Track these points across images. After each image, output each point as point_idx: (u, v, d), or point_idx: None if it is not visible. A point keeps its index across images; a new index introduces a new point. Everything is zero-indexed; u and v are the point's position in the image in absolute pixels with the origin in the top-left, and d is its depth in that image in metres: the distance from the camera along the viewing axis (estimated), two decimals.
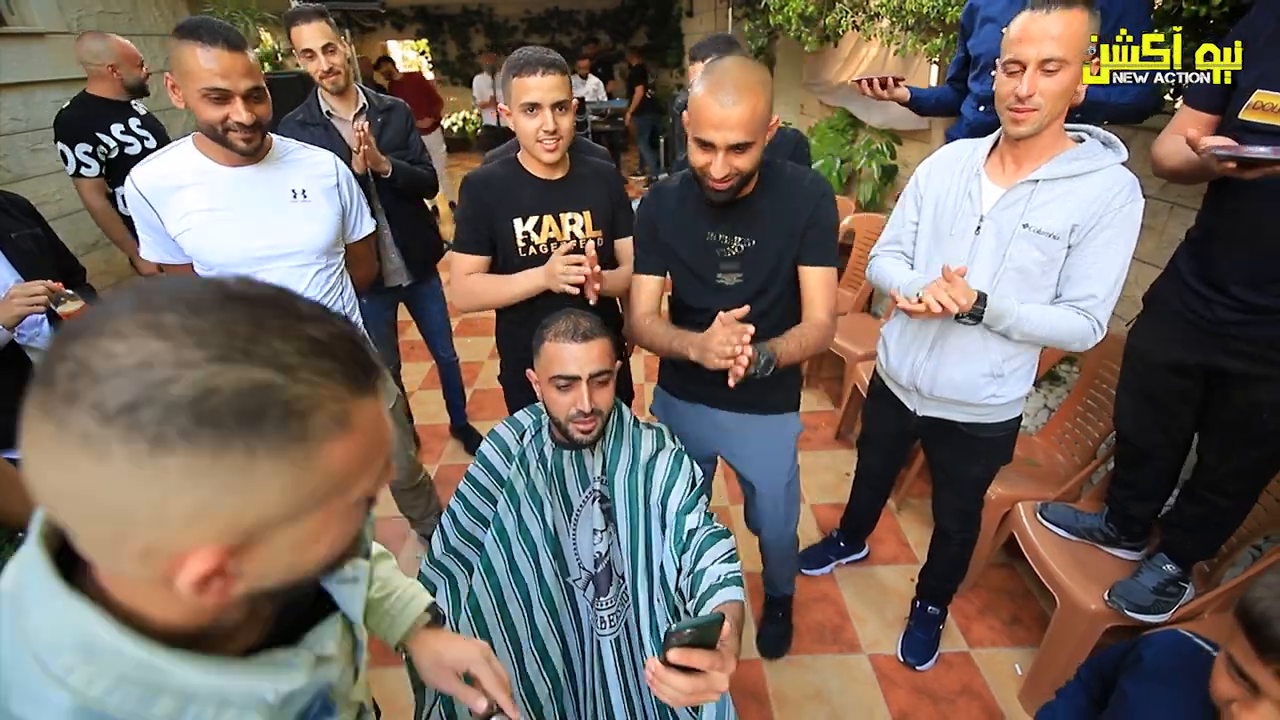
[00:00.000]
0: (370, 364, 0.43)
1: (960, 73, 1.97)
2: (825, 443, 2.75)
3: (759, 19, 4.66)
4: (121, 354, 0.34)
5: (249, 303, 0.38)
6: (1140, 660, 0.86)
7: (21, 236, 1.44)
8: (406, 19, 9.86)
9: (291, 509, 0.39)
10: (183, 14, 4.51)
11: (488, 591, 1.17)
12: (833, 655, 1.80)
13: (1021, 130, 1.15)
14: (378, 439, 0.44)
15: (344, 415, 0.40)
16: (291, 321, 0.39)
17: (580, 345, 1.10)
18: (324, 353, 0.39)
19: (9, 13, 3.42)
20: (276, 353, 0.37)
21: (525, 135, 1.36)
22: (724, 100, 1.06)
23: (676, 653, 0.71)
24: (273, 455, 0.37)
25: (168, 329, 0.35)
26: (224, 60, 1.16)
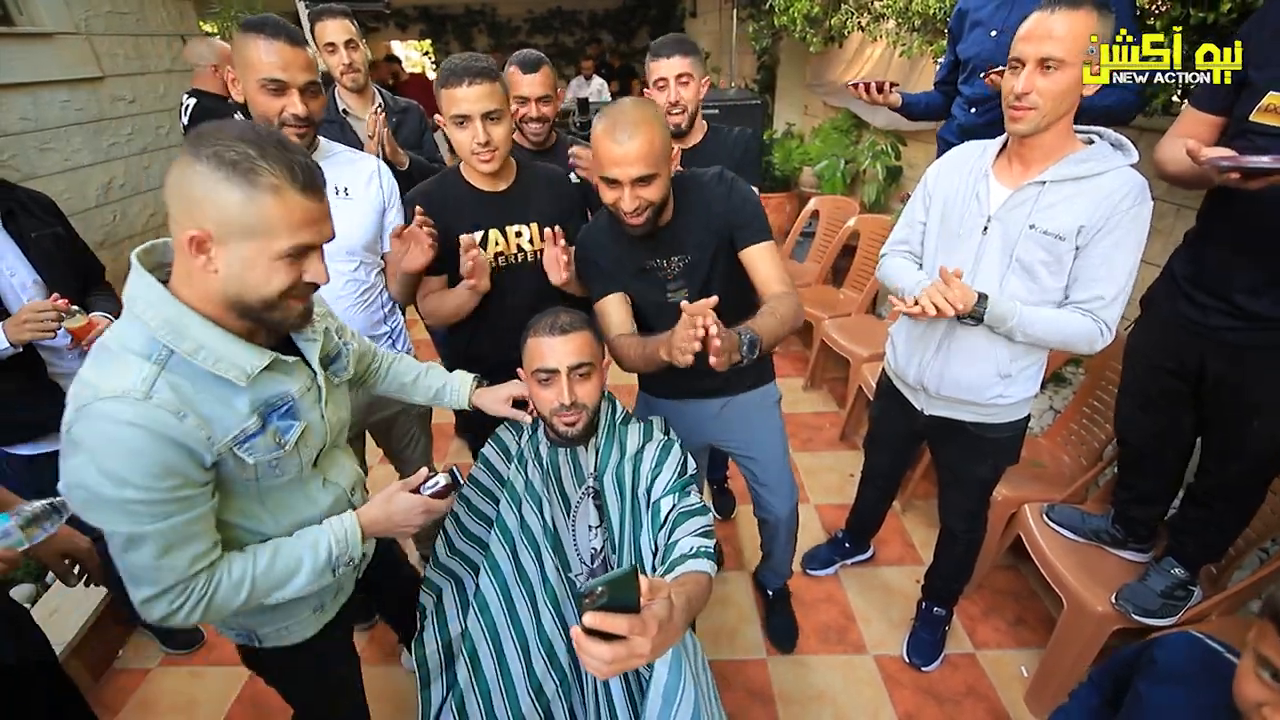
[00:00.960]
0: (311, 178, 0.80)
1: (949, 76, 1.99)
2: (830, 444, 2.75)
3: (763, 20, 4.66)
4: (211, 132, 0.76)
5: (275, 134, 0.80)
6: (1154, 662, 0.86)
7: (42, 236, 1.44)
8: (410, 19, 9.87)
9: (237, 226, 0.75)
10: (190, 15, 4.52)
11: (494, 590, 1.17)
12: (838, 656, 1.80)
13: (1019, 128, 1.16)
14: (294, 218, 0.78)
15: (277, 188, 0.76)
16: (288, 148, 0.78)
17: (558, 338, 1.14)
18: (285, 160, 0.77)
19: (17, 13, 3.44)
20: (265, 149, 0.76)
21: (460, 148, 1.34)
22: (620, 138, 1.12)
23: (592, 616, 0.64)
24: (235, 186, 0.74)
25: (234, 129, 0.77)
26: (284, 54, 1.22)
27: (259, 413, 0.85)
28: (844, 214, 3.33)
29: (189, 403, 0.78)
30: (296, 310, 0.85)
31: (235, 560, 0.88)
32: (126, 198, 3.87)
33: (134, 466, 0.75)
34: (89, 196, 3.58)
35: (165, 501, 0.78)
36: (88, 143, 3.63)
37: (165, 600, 0.82)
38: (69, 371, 1.48)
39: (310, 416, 0.93)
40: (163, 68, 4.23)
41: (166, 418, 0.76)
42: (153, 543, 0.78)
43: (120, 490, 0.75)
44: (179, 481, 0.78)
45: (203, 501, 0.83)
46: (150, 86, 4.12)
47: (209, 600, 0.84)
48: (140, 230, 3.95)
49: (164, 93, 4.23)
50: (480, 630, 1.14)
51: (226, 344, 0.81)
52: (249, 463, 0.85)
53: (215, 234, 0.75)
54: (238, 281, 0.78)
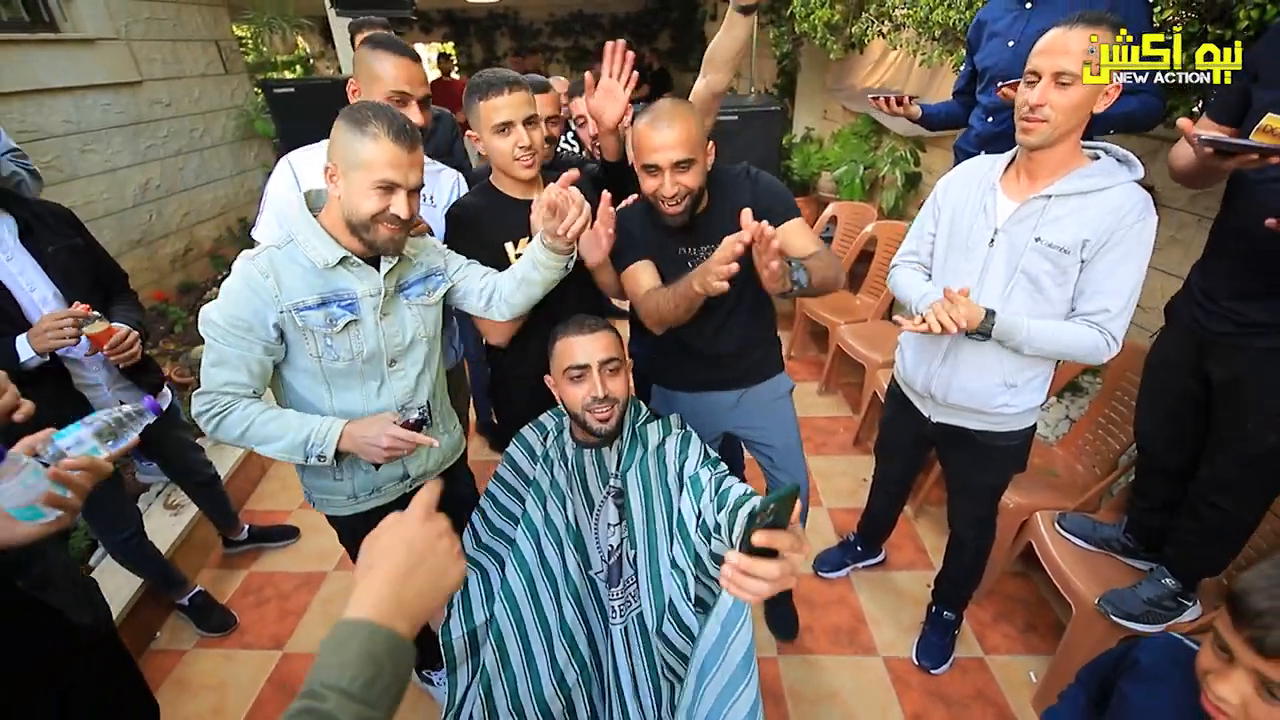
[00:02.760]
0: (404, 132, 1.07)
1: (967, 86, 2.01)
2: (843, 448, 2.77)
3: (784, 26, 4.69)
4: (358, 106, 1.09)
5: (393, 109, 1.09)
6: (1137, 663, 0.89)
7: (59, 249, 1.47)
8: (434, 22, 10.01)
9: (350, 160, 1.06)
10: (224, 21, 4.65)
11: (521, 581, 1.23)
12: (848, 657, 1.84)
13: (1030, 140, 1.19)
14: (385, 160, 1.05)
15: (377, 135, 1.04)
16: (394, 114, 1.08)
17: (587, 336, 1.22)
18: (387, 118, 1.06)
19: (62, 20, 3.58)
20: (380, 112, 1.07)
21: (501, 155, 1.37)
22: (660, 126, 1.23)
23: (761, 535, 0.65)
24: (352, 134, 1.05)
25: (369, 106, 1.08)
26: (409, 69, 1.41)
27: (321, 295, 1.15)
28: (861, 220, 3.35)
29: (275, 270, 1.12)
30: (385, 235, 1.11)
31: (252, 405, 1.16)
32: (162, 198, 4.00)
33: (226, 298, 1.11)
34: (127, 196, 3.71)
35: (227, 330, 1.11)
36: (127, 144, 3.76)
37: (201, 399, 1.14)
38: (94, 382, 1.54)
39: (366, 317, 1.19)
40: (197, 72, 4.37)
41: (255, 273, 1.11)
42: (213, 353, 1.13)
43: (216, 311, 1.11)
44: (244, 325, 1.11)
45: (255, 351, 1.13)
46: (185, 90, 4.25)
47: (221, 418, 1.14)
48: (175, 229, 4.08)
49: (198, 96, 4.36)
50: (507, 619, 1.20)
51: (322, 239, 1.13)
52: (299, 326, 1.13)
53: (340, 167, 1.07)
54: (349, 203, 1.09)
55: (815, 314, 3.17)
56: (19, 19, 3.42)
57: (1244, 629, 0.67)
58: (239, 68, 4.80)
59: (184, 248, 4.14)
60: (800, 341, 3.55)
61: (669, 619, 1.11)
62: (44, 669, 0.98)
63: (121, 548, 1.77)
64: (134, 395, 1.62)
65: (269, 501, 2.58)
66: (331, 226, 1.14)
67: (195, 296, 3.90)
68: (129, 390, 1.62)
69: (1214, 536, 1.42)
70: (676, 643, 1.11)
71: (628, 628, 1.16)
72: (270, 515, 2.48)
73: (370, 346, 1.20)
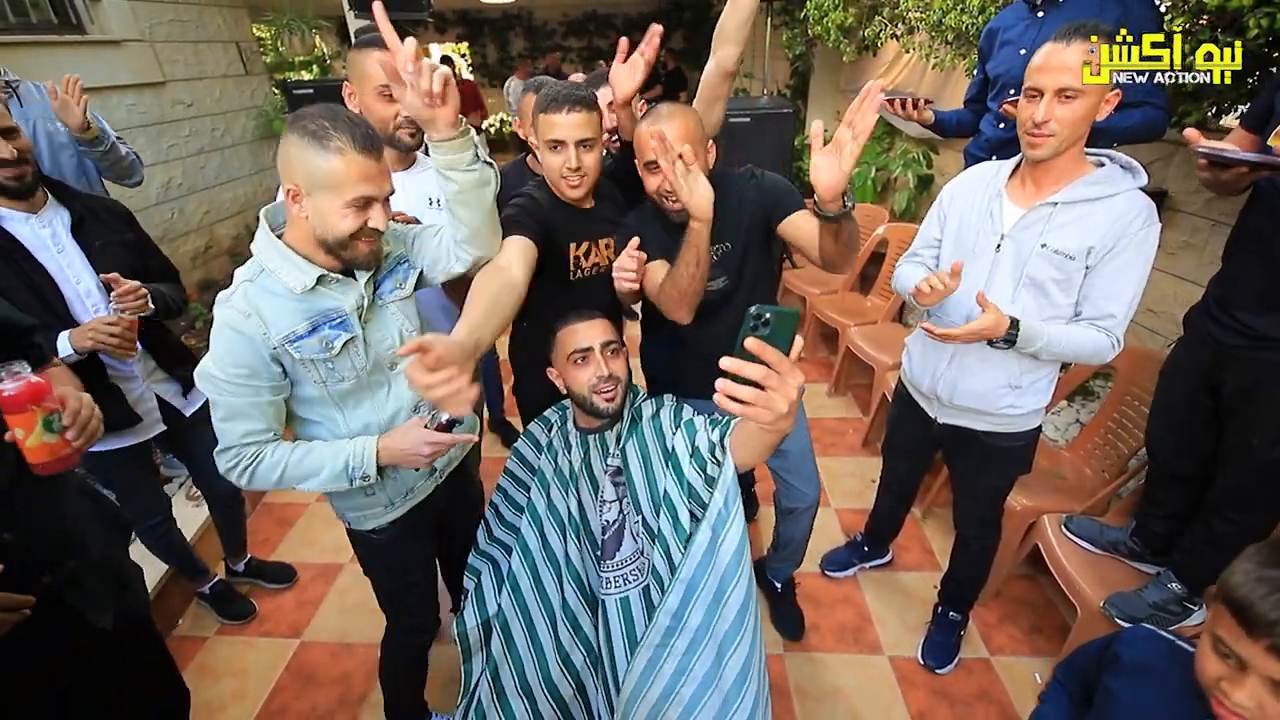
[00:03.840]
0: (369, 142, 1.00)
1: (979, 94, 2.03)
2: (852, 449, 2.79)
3: (797, 28, 4.70)
4: (307, 113, 0.99)
5: (348, 113, 1.01)
6: (1119, 658, 0.90)
7: (109, 244, 1.51)
8: (449, 22, 10.10)
9: (316, 180, 0.98)
10: (244, 22, 4.73)
11: (525, 570, 1.27)
12: (853, 655, 1.86)
13: (1038, 154, 1.21)
14: (356, 175, 0.98)
15: (342, 150, 0.97)
16: (354, 122, 1.00)
17: (587, 322, 1.30)
18: (349, 128, 0.98)
19: (89, 22, 3.66)
20: (337, 123, 0.98)
21: (550, 170, 1.38)
22: (659, 123, 1.28)
23: (753, 341, 0.65)
24: (314, 151, 0.96)
25: (321, 110, 0.99)
26: None
27: (310, 320, 1.08)
28: (873, 222, 3.36)
29: (255, 306, 1.05)
30: (364, 251, 1.06)
31: (280, 447, 1.12)
32: (183, 196, 4.08)
33: (217, 351, 1.05)
34: (150, 195, 3.79)
35: (230, 382, 1.05)
36: (150, 144, 3.84)
37: (224, 457, 1.09)
38: (128, 374, 1.59)
39: (355, 329, 1.13)
40: (219, 72, 4.45)
41: (237, 316, 1.04)
42: (221, 409, 1.07)
43: (211, 365, 1.05)
44: (243, 371, 1.05)
45: (264, 394, 1.08)
46: (207, 90, 4.33)
47: (253, 469, 1.10)
48: (196, 226, 4.16)
49: (219, 96, 4.44)
50: (512, 605, 1.24)
51: (295, 264, 1.06)
52: (297, 358, 1.08)
53: (304, 188, 0.99)
54: (323, 225, 1.02)
55: (826, 315, 3.18)
56: (47, 21, 3.51)
57: (1262, 638, 0.68)
58: (259, 68, 4.88)
59: (204, 245, 4.22)
60: (811, 343, 3.57)
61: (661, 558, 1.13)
62: (43, 669, 1.00)
63: (150, 534, 1.82)
64: (169, 388, 1.66)
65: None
66: (301, 246, 1.06)
67: (214, 294, 3.98)
68: (165, 383, 1.66)
69: (1225, 547, 1.44)
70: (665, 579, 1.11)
71: (628, 598, 1.18)
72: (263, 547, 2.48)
73: (368, 358, 1.17)
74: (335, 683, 1.83)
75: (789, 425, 0.71)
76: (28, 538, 0.95)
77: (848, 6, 3.48)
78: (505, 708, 1.18)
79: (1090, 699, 0.95)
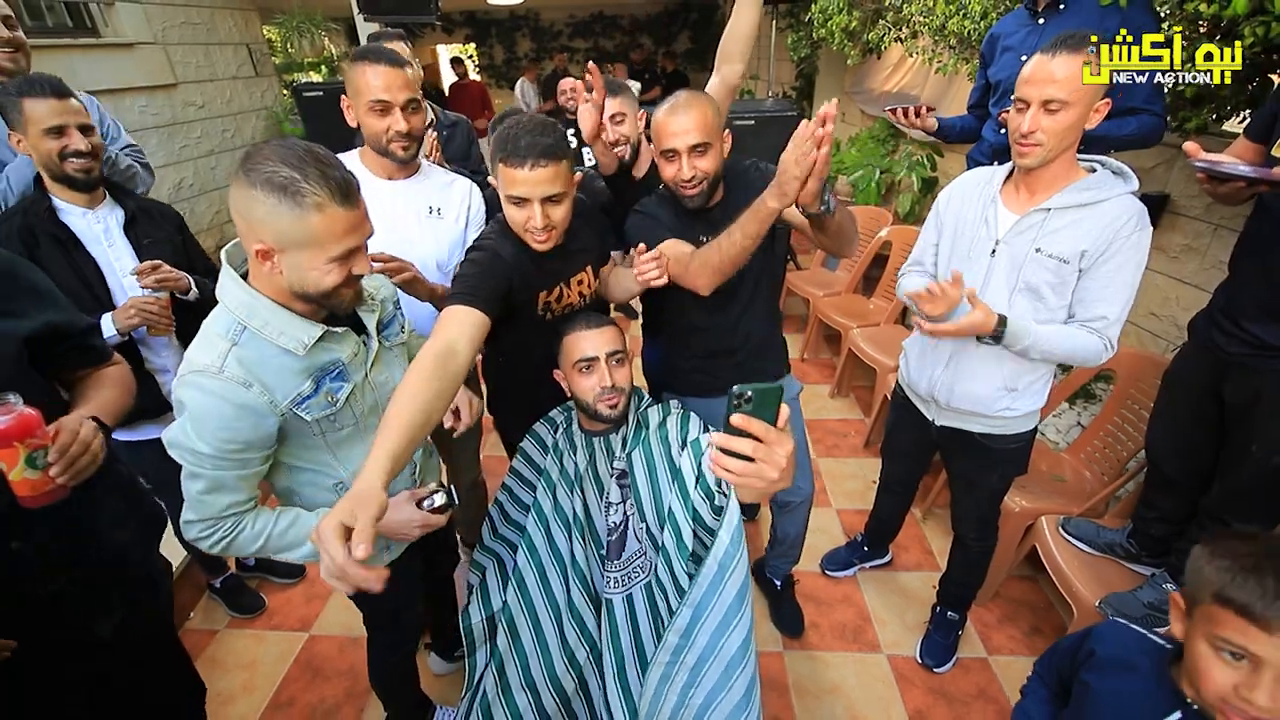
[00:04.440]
0: (347, 191, 0.91)
1: (981, 99, 2.05)
2: (854, 450, 2.81)
3: (802, 31, 4.72)
4: (260, 155, 0.88)
5: (312, 152, 0.90)
6: (1093, 654, 0.93)
7: (154, 242, 1.59)
8: (456, 24, 10.16)
9: (293, 239, 0.89)
10: (254, 24, 4.79)
11: (530, 567, 1.30)
12: (852, 653, 1.88)
13: (1026, 163, 1.24)
14: (339, 231, 0.91)
15: (321, 205, 0.88)
16: (325, 164, 0.90)
17: (594, 330, 1.30)
18: (324, 178, 0.88)
19: (103, 25, 3.72)
20: (306, 171, 0.87)
21: (513, 224, 1.27)
22: (677, 112, 1.28)
23: (739, 418, 0.68)
24: (287, 208, 0.87)
25: (278, 152, 0.88)
26: (386, 75, 1.37)
27: (313, 378, 1.02)
28: (876, 224, 3.38)
29: (254, 373, 0.95)
30: (348, 297, 1.00)
31: (261, 516, 1.04)
32: (194, 196, 4.14)
33: (207, 425, 0.93)
34: (162, 195, 3.85)
35: (223, 458, 0.96)
36: (162, 145, 3.90)
37: (197, 527, 1.00)
38: (163, 367, 1.64)
39: (357, 377, 1.09)
40: (229, 74, 4.51)
41: (236, 388, 0.94)
42: (204, 481, 0.97)
43: (195, 440, 0.94)
44: (240, 446, 0.96)
45: (254, 465, 1.01)
46: (218, 91, 4.40)
47: (231, 540, 1.01)
48: (207, 226, 4.22)
49: (230, 98, 4.50)
50: (518, 603, 1.27)
51: (288, 320, 0.98)
52: (308, 420, 1.02)
53: (276, 246, 0.90)
54: (299, 281, 0.94)
55: (829, 317, 3.20)
56: (63, 24, 3.57)
57: (1276, 632, 0.67)
58: (268, 70, 4.94)
59: (214, 245, 4.28)
60: (814, 344, 3.59)
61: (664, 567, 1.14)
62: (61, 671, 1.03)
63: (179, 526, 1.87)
64: None
65: None
66: (275, 296, 0.98)
67: None
68: None
69: None
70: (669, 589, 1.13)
71: (632, 595, 1.21)
72: None
73: (369, 403, 1.13)
74: (342, 676, 1.87)
75: (785, 484, 0.73)
76: (43, 543, 0.97)
77: (852, 10, 3.50)
78: (510, 702, 1.21)
79: (1068, 693, 0.98)
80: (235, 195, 0.89)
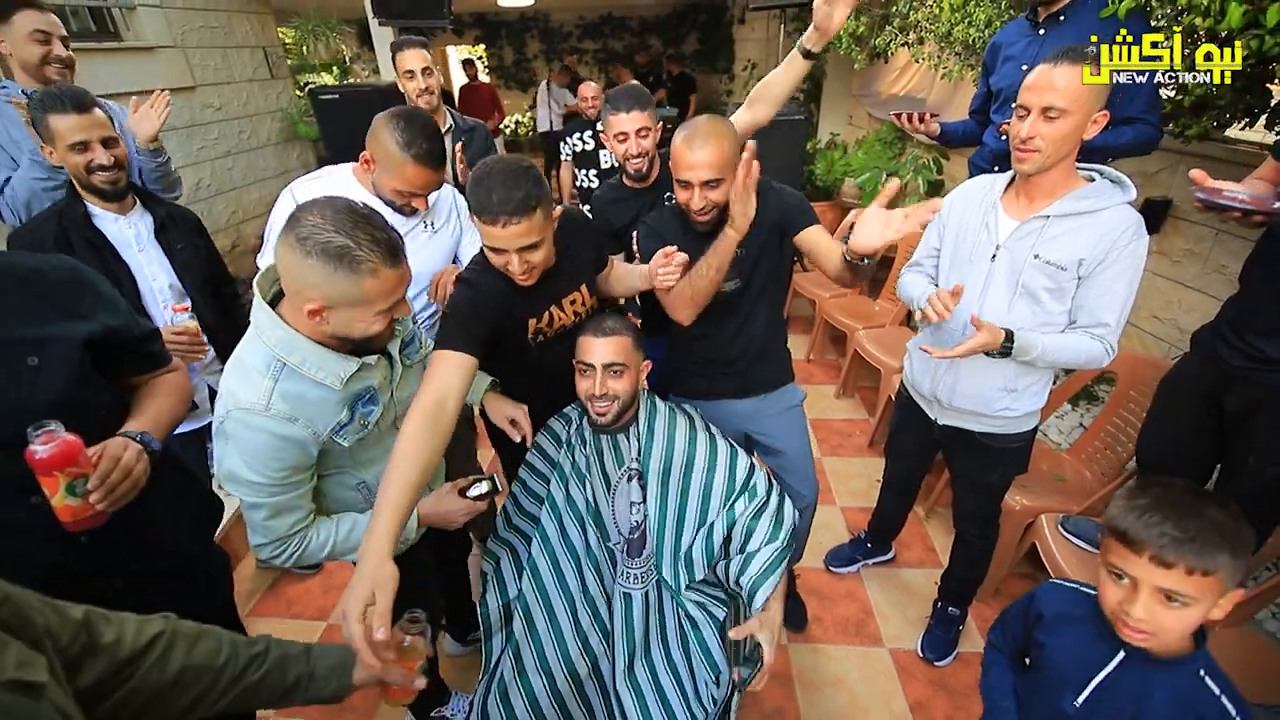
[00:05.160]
0: (396, 251, 0.97)
1: (983, 105, 2.10)
2: (858, 450, 2.85)
3: None
4: (310, 222, 0.92)
5: (359, 214, 0.95)
6: (1041, 616, 1.02)
7: (185, 247, 1.68)
8: (466, 25, 10.23)
9: (345, 299, 0.95)
10: (270, 27, 4.87)
11: (545, 558, 1.35)
12: (855, 646, 1.93)
13: (1024, 168, 1.28)
14: (389, 288, 0.98)
15: (375, 270, 0.94)
16: (374, 227, 0.95)
17: (600, 339, 1.31)
18: (375, 242, 0.94)
19: (125, 29, 3.80)
20: (359, 237, 0.93)
21: (495, 265, 1.27)
22: (694, 147, 1.32)
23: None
24: (343, 275, 0.92)
25: (327, 216, 0.93)
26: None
27: (349, 406, 1.09)
28: None
29: (297, 409, 1.02)
30: (386, 337, 1.09)
31: (324, 527, 1.13)
32: (211, 197, 4.22)
33: (259, 459, 1.01)
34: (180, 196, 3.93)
35: (278, 485, 1.04)
36: (180, 146, 3.98)
37: (268, 549, 1.09)
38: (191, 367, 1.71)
39: (385, 398, 1.16)
40: (245, 77, 4.59)
41: (283, 423, 1.01)
42: (266, 509, 1.05)
43: (250, 473, 1.01)
44: (290, 471, 1.04)
45: (305, 484, 1.09)
46: (235, 94, 4.47)
47: (300, 553, 1.12)
48: (224, 226, 4.29)
49: (246, 100, 4.57)
50: (533, 591, 1.32)
51: (325, 357, 1.03)
52: (344, 444, 1.11)
53: (329, 304, 0.96)
54: (345, 330, 1.01)
55: (834, 319, 3.25)
56: (86, 29, 3.65)
57: (1144, 552, 0.81)
58: (283, 72, 5.01)
59: (230, 244, 4.36)
60: (820, 345, 3.63)
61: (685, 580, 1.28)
62: None
63: None
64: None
65: None
66: (311, 335, 1.02)
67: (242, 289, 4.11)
68: (219, 375, 1.78)
69: None
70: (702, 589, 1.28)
71: (648, 592, 1.28)
72: None
73: (390, 419, 1.20)
74: None
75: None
76: (105, 541, 1.03)
77: (859, 16, 3.54)
78: (526, 685, 1.26)
79: (1024, 656, 1.08)
80: (286, 260, 0.94)
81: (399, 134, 1.34)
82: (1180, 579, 0.80)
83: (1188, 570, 0.79)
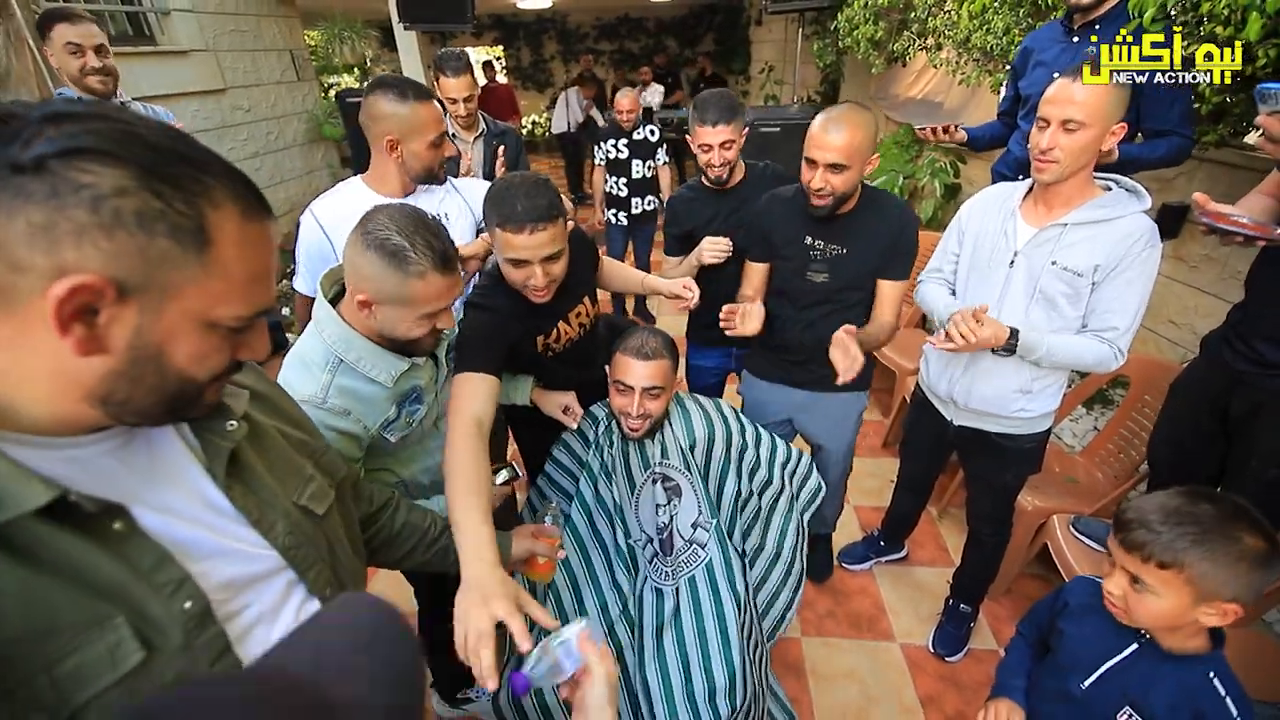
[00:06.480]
0: (448, 261, 1.03)
1: (1011, 108, 2.12)
2: (873, 450, 2.88)
3: (828, 38, 4.78)
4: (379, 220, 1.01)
5: (422, 221, 1.03)
6: (1067, 605, 1.09)
7: None
8: (484, 26, 10.34)
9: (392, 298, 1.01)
10: (298, 31, 4.98)
11: (575, 549, 1.41)
12: (867, 641, 1.97)
13: (1043, 177, 1.32)
14: (434, 294, 1.02)
15: (424, 273, 1.00)
16: (432, 235, 1.02)
17: (641, 363, 1.33)
18: (430, 248, 1.01)
19: (160, 34, 3.92)
20: (416, 240, 0.99)
21: (512, 282, 1.28)
22: (829, 128, 1.39)
23: None
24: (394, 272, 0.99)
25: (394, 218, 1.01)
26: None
27: (397, 404, 1.15)
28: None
29: (350, 403, 1.08)
30: (429, 345, 1.12)
31: None
32: None
33: None
34: None
35: None
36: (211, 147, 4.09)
37: None
38: None
39: (429, 398, 1.22)
40: (274, 79, 4.70)
41: (337, 417, 1.07)
42: None
43: None
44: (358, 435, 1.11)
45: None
46: (263, 96, 4.59)
47: None
48: None
49: (274, 101, 4.69)
50: (564, 581, 1.39)
51: (379, 355, 1.09)
52: (391, 440, 1.17)
53: (377, 299, 1.02)
54: (390, 328, 1.06)
55: None
56: (123, 33, 3.78)
57: (1117, 534, 0.91)
58: (309, 75, 5.13)
59: None
60: None
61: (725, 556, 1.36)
62: None
63: None
64: None
65: None
66: (364, 331, 1.08)
67: None
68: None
69: None
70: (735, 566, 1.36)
71: (679, 588, 1.33)
72: None
73: (431, 419, 1.26)
74: None
75: None
76: None
77: (878, 21, 3.57)
78: None
79: (1046, 646, 1.13)
80: (350, 252, 1.02)
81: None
82: (1139, 565, 0.88)
83: (1145, 558, 0.87)
